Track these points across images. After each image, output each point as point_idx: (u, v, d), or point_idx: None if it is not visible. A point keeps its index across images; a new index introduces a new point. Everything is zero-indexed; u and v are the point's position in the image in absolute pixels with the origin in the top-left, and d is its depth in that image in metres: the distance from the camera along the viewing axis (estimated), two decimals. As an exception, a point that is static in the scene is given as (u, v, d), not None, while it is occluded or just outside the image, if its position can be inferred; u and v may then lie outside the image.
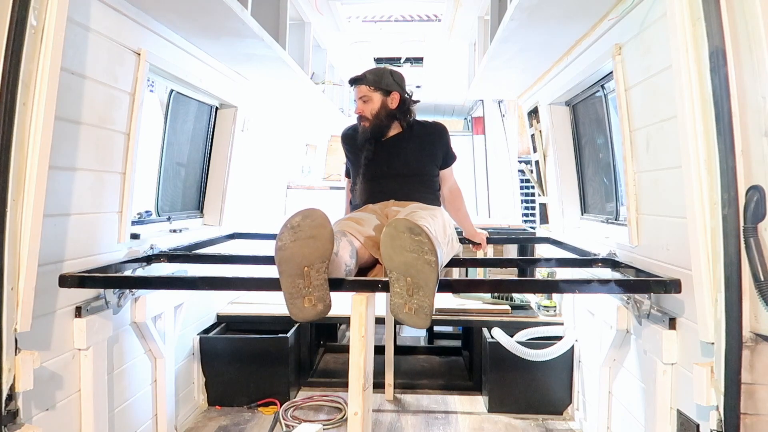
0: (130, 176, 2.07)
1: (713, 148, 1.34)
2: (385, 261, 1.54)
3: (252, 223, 3.63)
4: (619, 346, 2.25)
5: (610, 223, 2.63)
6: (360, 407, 1.43)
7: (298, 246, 1.51)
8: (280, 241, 1.51)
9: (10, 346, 1.39)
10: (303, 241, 1.51)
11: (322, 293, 1.55)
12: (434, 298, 1.51)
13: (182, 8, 2.04)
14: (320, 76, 4.20)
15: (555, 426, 2.84)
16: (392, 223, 1.51)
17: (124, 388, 2.17)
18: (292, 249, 1.51)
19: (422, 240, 1.48)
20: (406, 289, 1.51)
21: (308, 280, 1.54)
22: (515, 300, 3.34)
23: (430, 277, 1.49)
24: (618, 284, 1.75)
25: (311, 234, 1.52)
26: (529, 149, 3.71)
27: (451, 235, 2.11)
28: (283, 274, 1.53)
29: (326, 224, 1.55)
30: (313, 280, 1.54)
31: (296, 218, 1.52)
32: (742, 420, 1.34)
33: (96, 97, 1.83)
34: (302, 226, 1.52)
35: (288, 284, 1.53)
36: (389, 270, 1.54)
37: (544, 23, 2.25)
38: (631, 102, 2.05)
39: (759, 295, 1.28)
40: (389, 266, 1.53)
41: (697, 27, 1.36)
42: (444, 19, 3.75)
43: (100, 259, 1.93)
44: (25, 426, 1.48)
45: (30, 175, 1.38)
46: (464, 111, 7.57)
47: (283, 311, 3.30)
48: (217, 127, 3.09)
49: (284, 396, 3.00)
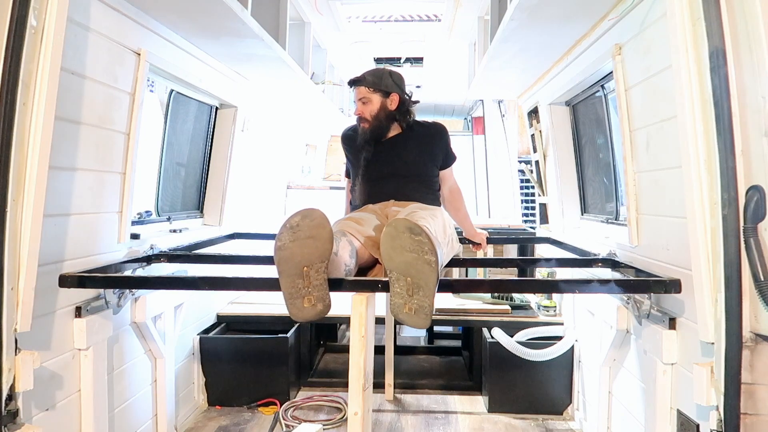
0: (130, 176, 2.07)
1: (713, 148, 1.34)
2: (385, 261, 1.54)
3: (252, 223, 3.63)
4: (619, 346, 2.25)
5: (610, 223, 2.63)
6: (360, 407, 1.43)
7: (298, 246, 1.51)
8: (279, 241, 1.51)
9: (10, 346, 1.39)
10: (302, 241, 1.51)
11: (322, 293, 1.55)
12: (434, 298, 1.51)
13: (182, 8, 2.04)
14: (320, 76, 4.20)
15: (555, 426, 2.84)
16: (392, 223, 1.51)
17: (124, 388, 2.17)
18: (291, 249, 1.51)
19: (422, 240, 1.48)
20: (406, 289, 1.51)
21: (308, 280, 1.54)
22: (515, 300, 3.34)
23: (430, 277, 1.49)
24: (618, 284, 1.75)
25: (310, 234, 1.52)
26: (529, 149, 3.71)
27: (451, 235, 2.10)
28: (282, 274, 1.53)
29: (325, 224, 1.55)
30: (312, 280, 1.54)
31: (295, 218, 1.52)
32: (742, 420, 1.34)
33: (96, 97, 1.83)
34: (301, 226, 1.52)
35: (287, 284, 1.53)
36: (389, 270, 1.54)
37: (544, 23, 2.25)
38: (631, 102, 2.05)
39: (759, 295, 1.28)
40: (389, 266, 1.53)
41: (697, 27, 1.36)
42: (444, 19, 3.75)
43: (100, 259, 1.93)
44: (25, 426, 1.48)
45: (30, 175, 1.38)
46: (464, 111, 7.57)
47: (283, 311, 3.29)
48: (217, 127, 3.09)
49: (284, 396, 3.00)
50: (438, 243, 1.57)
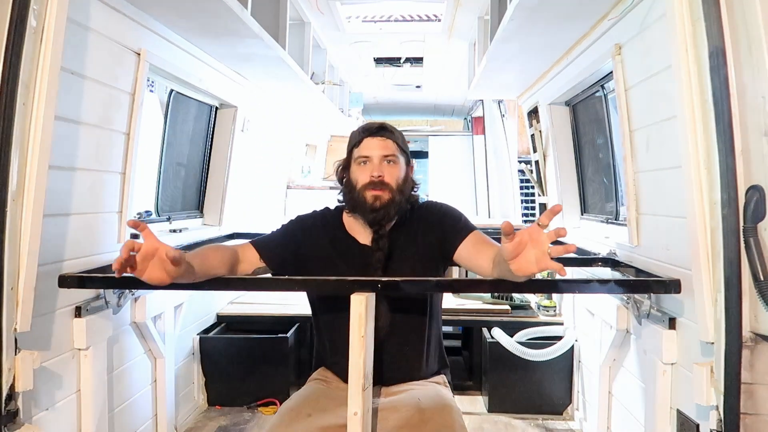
0: (130, 176, 2.07)
1: (713, 148, 1.34)
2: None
3: (252, 223, 3.63)
4: (619, 346, 2.25)
5: (610, 223, 2.63)
6: (360, 407, 1.43)
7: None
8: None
9: (9, 346, 1.39)
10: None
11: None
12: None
13: (182, 8, 2.04)
14: (320, 76, 4.20)
15: (555, 426, 2.84)
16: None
17: (124, 388, 2.17)
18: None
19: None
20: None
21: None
22: (515, 300, 3.34)
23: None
24: (618, 284, 1.75)
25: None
26: (529, 149, 3.71)
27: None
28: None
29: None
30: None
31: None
32: (741, 420, 1.33)
33: (96, 97, 1.83)
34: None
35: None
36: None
37: (544, 23, 2.25)
38: (631, 102, 2.05)
39: (759, 295, 1.27)
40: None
41: (696, 27, 1.36)
42: (444, 19, 3.75)
43: (99, 259, 1.92)
44: (25, 426, 1.48)
45: (30, 174, 1.38)
46: (464, 111, 7.57)
47: (283, 311, 3.32)
48: (217, 127, 3.09)
49: (284, 396, 2.98)
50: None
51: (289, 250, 1.63)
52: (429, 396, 1.58)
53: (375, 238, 1.60)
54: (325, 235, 1.66)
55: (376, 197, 1.55)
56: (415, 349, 1.65)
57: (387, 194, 1.55)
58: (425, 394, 1.58)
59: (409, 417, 1.48)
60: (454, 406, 1.57)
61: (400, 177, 1.59)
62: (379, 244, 1.59)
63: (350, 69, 5.06)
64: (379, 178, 1.55)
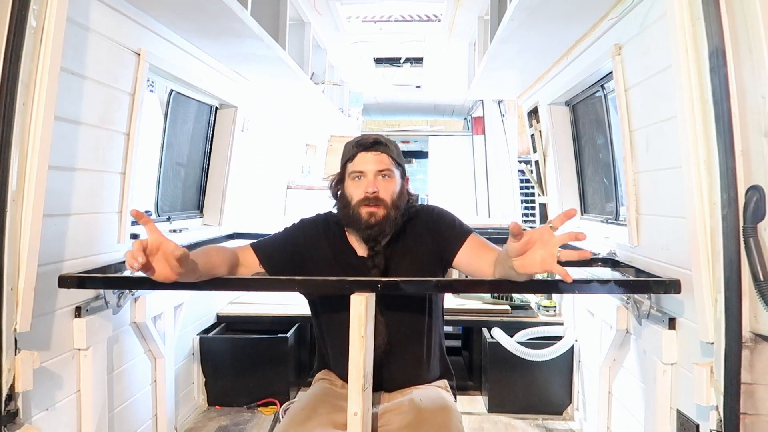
0: (130, 176, 2.07)
1: (713, 148, 1.34)
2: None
3: (252, 223, 3.63)
4: (618, 346, 2.25)
5: (610, 223, 2.63)
6: (360, 407, 1.43)
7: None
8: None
9: (9, 346, 1.39)
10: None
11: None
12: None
13: (182, 8, 2.04)
14: (320, 76, 4.20)
15: (555, 426, 2.84)
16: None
17: (124, 388, 2.17)
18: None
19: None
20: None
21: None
22: (515, 300, 3.34)
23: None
24: (618, 284, 1.74)
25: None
26: (529, 149, 3.71)
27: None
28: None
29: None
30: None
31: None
32: (741, 420, 1.33)
33: (96, 97, 1.83)
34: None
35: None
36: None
37: (544, 23, 2.25)
38: (630, 102, 2.05)
39: (759, 295, 1.27)
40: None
41: (696, 27, 1.36)
42: (444, 19, 3.75)
43: (99, 259, 1.92)
44: (25, 426, 1.48)
45: (30, 174, 1.38)
46: (464, 111, 7.57)
47: (283, 311, 3.32)
48: (216, 127, 3.09)
49: (284, 396, 3.00)
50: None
51: (289, 256, 1.64)
52: (429, 397, 1.59)
53: (371, 255, 1.60)
54: (327, 242, 1.66)
55: (371, 214, 1.54)
56: (416, 355, 1.65)
57: (382, 210, 1.55)
58: (426, 395, 1.60)
59: (408, 418, 1.50)
60: (453, 408, 1.58)
61: (396, 191, 1.58)
62: (375, 261, 1.59)
63: (350, 69, 5.06)
64: (374, 194, 1.54)
